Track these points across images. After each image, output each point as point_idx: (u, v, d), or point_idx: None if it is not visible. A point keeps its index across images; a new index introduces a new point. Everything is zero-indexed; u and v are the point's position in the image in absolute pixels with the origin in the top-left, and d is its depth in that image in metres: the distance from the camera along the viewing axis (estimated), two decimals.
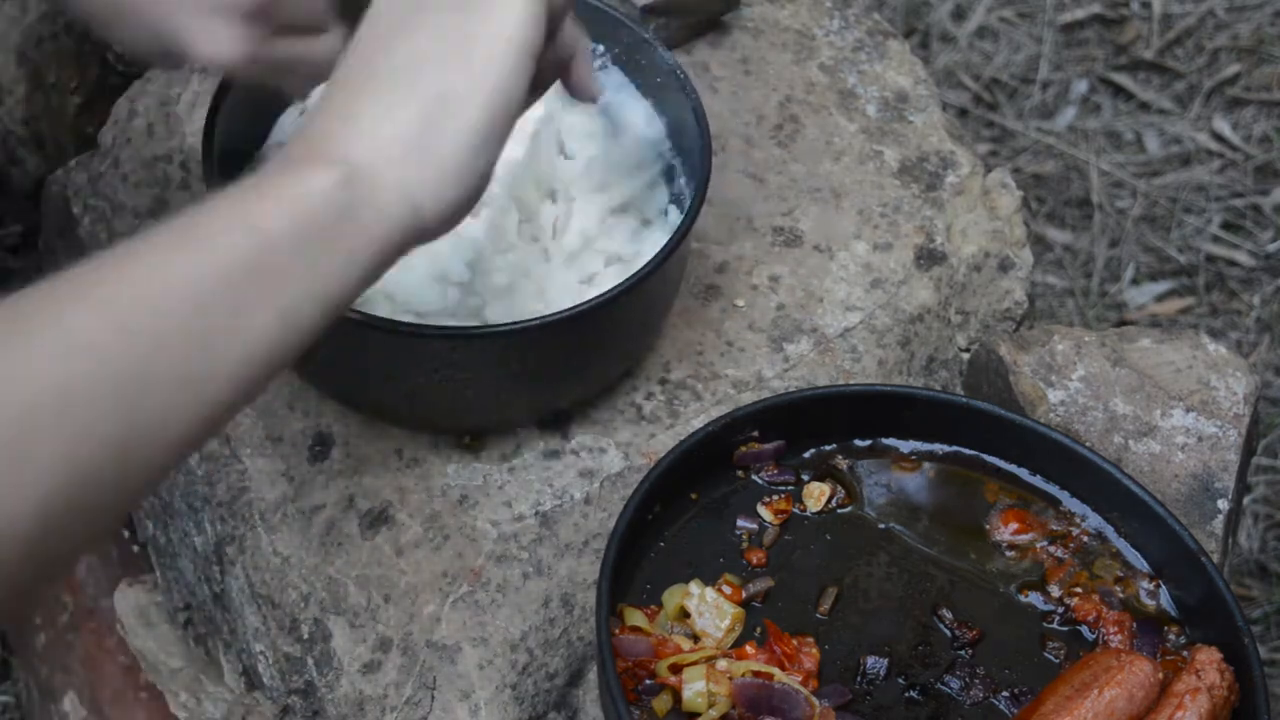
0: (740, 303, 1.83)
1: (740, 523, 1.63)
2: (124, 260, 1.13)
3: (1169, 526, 1.59)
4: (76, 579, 2.18)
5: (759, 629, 1.56)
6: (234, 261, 1.15)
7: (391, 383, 1.63)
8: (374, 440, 1.71)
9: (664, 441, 1.72)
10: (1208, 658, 1.50)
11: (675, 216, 1.74)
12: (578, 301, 1.59)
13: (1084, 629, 1.59)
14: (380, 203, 1.24)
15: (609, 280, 1.64)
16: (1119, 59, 3.29)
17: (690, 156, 1.74)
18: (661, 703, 1.49)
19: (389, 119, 1.27)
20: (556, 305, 1.63)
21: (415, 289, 1.64)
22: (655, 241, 1.70)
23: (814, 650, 1.55)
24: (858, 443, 1.69)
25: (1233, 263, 3.03)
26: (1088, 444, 1.71)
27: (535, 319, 1.57)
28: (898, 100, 2.00)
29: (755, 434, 1.66)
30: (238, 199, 1.20)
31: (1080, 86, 3.25)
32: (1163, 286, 3.01)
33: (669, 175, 1.78)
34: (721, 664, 1.51)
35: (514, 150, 1.70)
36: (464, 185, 1.29)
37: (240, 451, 1.71)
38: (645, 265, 1.60)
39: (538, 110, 1.69)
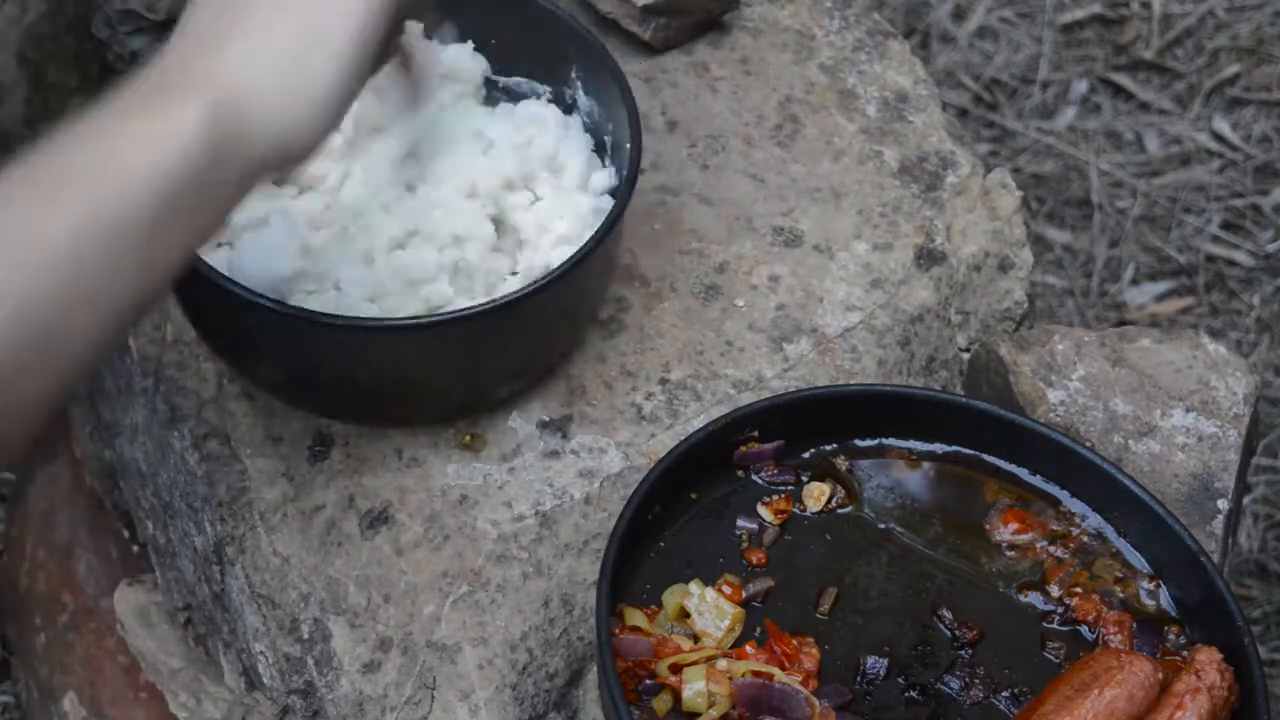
0: (740, 303, 1.83)
1: (740, 523, 1.63)
2: (4, 210, 1.13)
3: (1169, 526, 1.59)
4: (76, 579, 2.18)
5: (759, 629, 1.56)
6: (104, 225, 1.14)
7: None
8: (374, 440, 1.71)
9: (664, 441, 1.72)
10: (1208, 658, 1.50)
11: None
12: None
13: (1084, 629, 1.59)
14: (248, 139, 1.22)
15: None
16: (1119, 59, 3.29)
17: (619, 151, 1.74)
18: (661, 703, 1.49)
19: (260, 49, 1.24)
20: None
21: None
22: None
23: (814, 650, 1.55)
24: (858, 443, 1.69)
25: (1233, 263, 3.03)
26: (1088, 444, 1.71)
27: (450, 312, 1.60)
28: (898, 100, 2.00)
29: (755, 434, 1.66)
30: (105, 141, 1.18)
31: (1080, 86, 3.25)
32: (1163, 286, 3.01)
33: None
34: (721, 664, 1.51)
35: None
36: (327, 121, 1.27)
37: (240, 451, 1.71)
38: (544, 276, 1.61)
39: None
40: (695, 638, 1.55)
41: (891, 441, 1.69)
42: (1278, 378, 2.88)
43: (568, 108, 1.80)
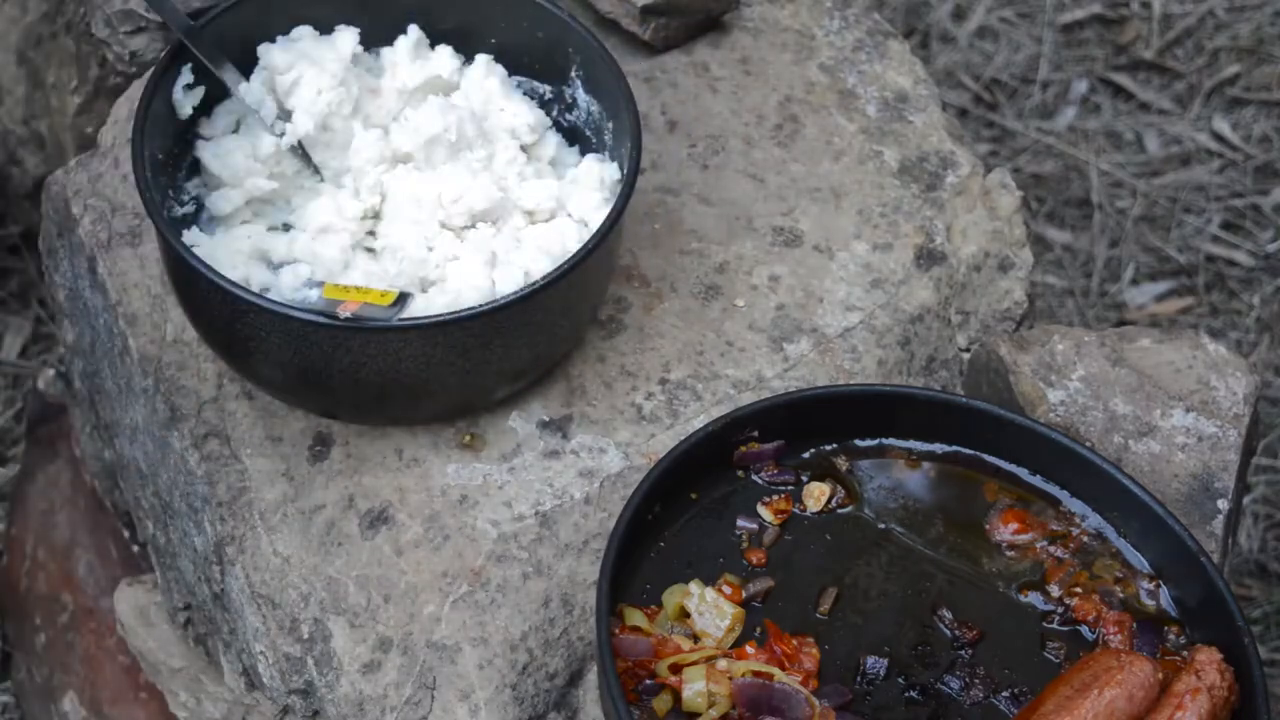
0: (740, 303, 1.83)
1: (740, 523, 1.63)
2: None
3: (1169, 526, 1.59)
4: (76, 579, 2.18)
5: (759, 629, 1.56)
6: None
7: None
8: (374, 440, 1.71)
9: (664, 441, 1.72)
10: (1208, 658, 1.50)
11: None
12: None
13: (1084, 629, 1.59)
14: None
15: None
16: (1119, 59, 3.29)
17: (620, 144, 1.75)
18: (661, 703, 1.49)
19: None
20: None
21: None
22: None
23: (814, 650, 1.55)
24: (858, 443, 1.69)
25: (1233, 263, 3.03)
26: (1088, 444, 1.71)
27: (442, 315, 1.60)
28: (898, 100, 2.00)
29: (755, 434, 1.66)
30: None
31: (1080, 86, 3.25)
32: (1163, 286, 3.01)
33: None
34: (721, 664, 1.51)
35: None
36: None
37: (240, 451, 1.71)
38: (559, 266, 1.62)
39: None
40: (695, 638, 1.55)
41: (891, 441, 1.69)
42: (1278, 378, 2.88)
43: (567, 107, 1.81)
